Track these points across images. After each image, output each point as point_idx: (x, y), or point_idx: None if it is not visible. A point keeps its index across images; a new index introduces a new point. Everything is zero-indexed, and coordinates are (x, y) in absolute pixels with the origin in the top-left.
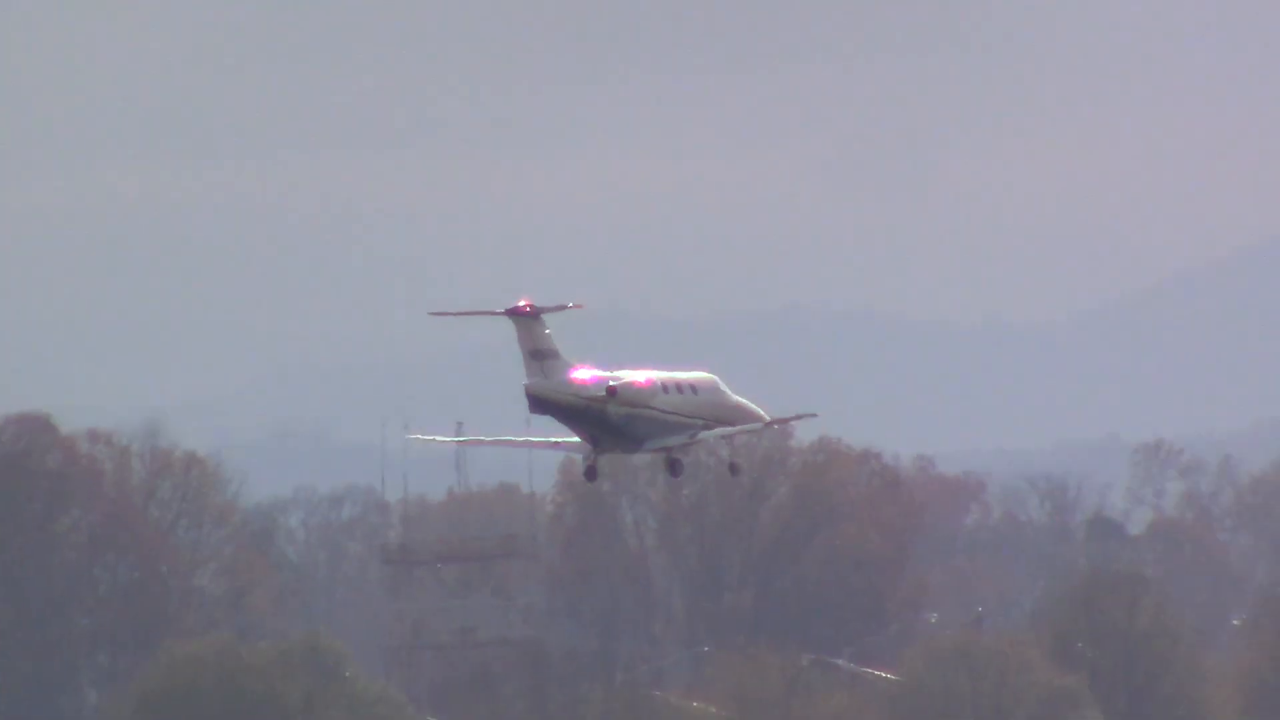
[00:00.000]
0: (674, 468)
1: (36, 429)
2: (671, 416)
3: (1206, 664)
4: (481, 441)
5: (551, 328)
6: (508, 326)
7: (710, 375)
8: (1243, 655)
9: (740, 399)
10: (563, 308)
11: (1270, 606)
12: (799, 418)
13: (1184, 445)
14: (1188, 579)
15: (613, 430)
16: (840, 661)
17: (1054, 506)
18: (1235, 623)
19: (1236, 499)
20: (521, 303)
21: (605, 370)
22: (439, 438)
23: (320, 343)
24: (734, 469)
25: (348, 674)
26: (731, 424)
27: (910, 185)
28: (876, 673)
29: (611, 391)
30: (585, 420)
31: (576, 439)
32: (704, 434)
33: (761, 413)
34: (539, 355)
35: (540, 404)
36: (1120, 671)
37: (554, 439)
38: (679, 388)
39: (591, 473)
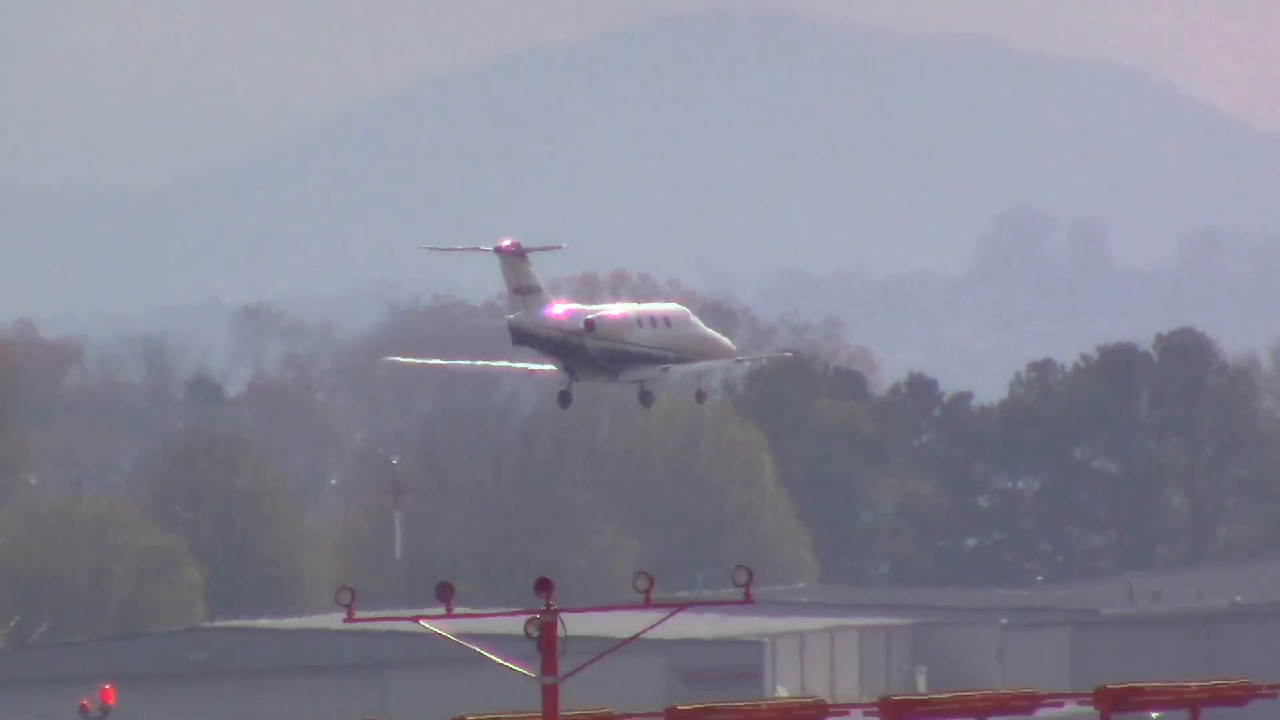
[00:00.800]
0: (645, 398)
1: None
2: (645, 349)
3: (305, 523)
4: (458, 365)
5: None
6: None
7: (682, 308)
8: (340, 514)
9: (709, 331)
10: (547, 249)
11: (367, 467)
12: (773, 356)
13: (284, 307)
14: (287, 440)
15: (589, 361)
16: None
17: (153, 369)
18: (333, 482)
19: (335, 361)
20: (507, 242)
21: (584, 305)
22: (420, 360)
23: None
24: (700, 397)
25: None
26: (702, 355)
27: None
28: None
29: (589, 325)
30: (563, 352)
31: (552, 367)
32: (676, 367)
33: (728, 343)
34: (522, 290)
35: (522, 335)
36: (219, 531)
37: (530, 366)
38: (653, 320)
39: (565, 399)
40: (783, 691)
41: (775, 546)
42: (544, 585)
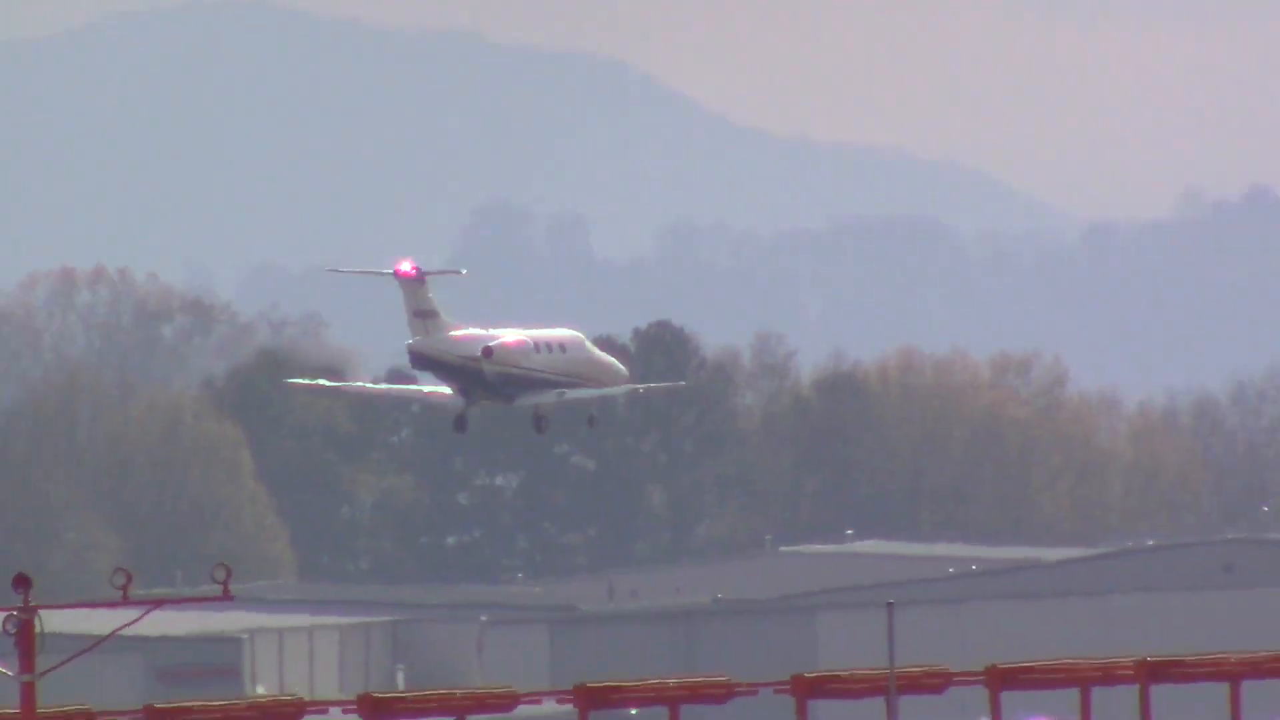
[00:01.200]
0: (539, 424)
1: None
2: (541, 374)
3: None
4: (363, 389)
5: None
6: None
7: (577, 333)
8: None
9: (602, 356)
10: (445, 273)
11: None
12: (669, 386)
13: None
14: None
15: (487, 387)
16: None
17: None
18: None
19: None
20: (406, 265)
21: (483, 330)
22: (321, 381)
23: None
24: (591, 421)
25: None
26: (595, 380)
27: None
28: None
29: (487, 352)
30: (461, 376)
31: (448, 390)
32: (570, 394)
33: (622, 369)
34: (422, 315)
35: (422, 360)
36: None
37: (425, 389)
38: (549, 346)
39: (461, 423)
40: (261, 689)
41: (255, 543)
42: (21, 582)
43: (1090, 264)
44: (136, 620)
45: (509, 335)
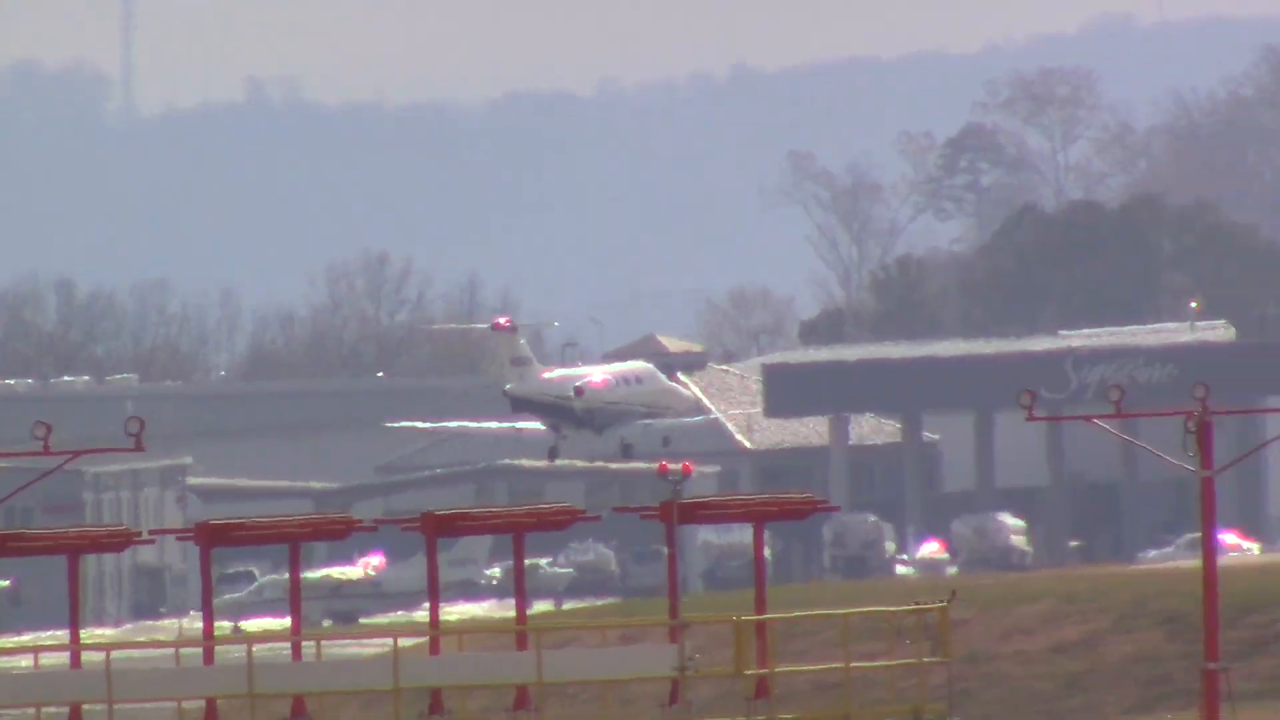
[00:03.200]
0: (626, 450)
1: None
2: (623, 407)
3: None
4: (462, 427)
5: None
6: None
7: (647, 365)
8: None
9: (670, 385)
10: (538, 325)
11: None
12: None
13: None
14: None
15: (578, 421)
16: None
17: None
18: None
19: None
20: (502, 320)
21: (567, 369)
22: (418, 424)
23: None
24: (665, 442)
25: None
26: (667, 406)
27: None
28: None
29: (579, 392)
30: (556, 414)
31: (541, 426)
32: (647, 421)
33: (686, 394)
34: (517, 362)
35: (519, 403)
36: None
37: (518, 425)
38: (626, 380)
39: (554, 453)
40: None
41: None
42: None
43: None
44: None
45: (595, 375)
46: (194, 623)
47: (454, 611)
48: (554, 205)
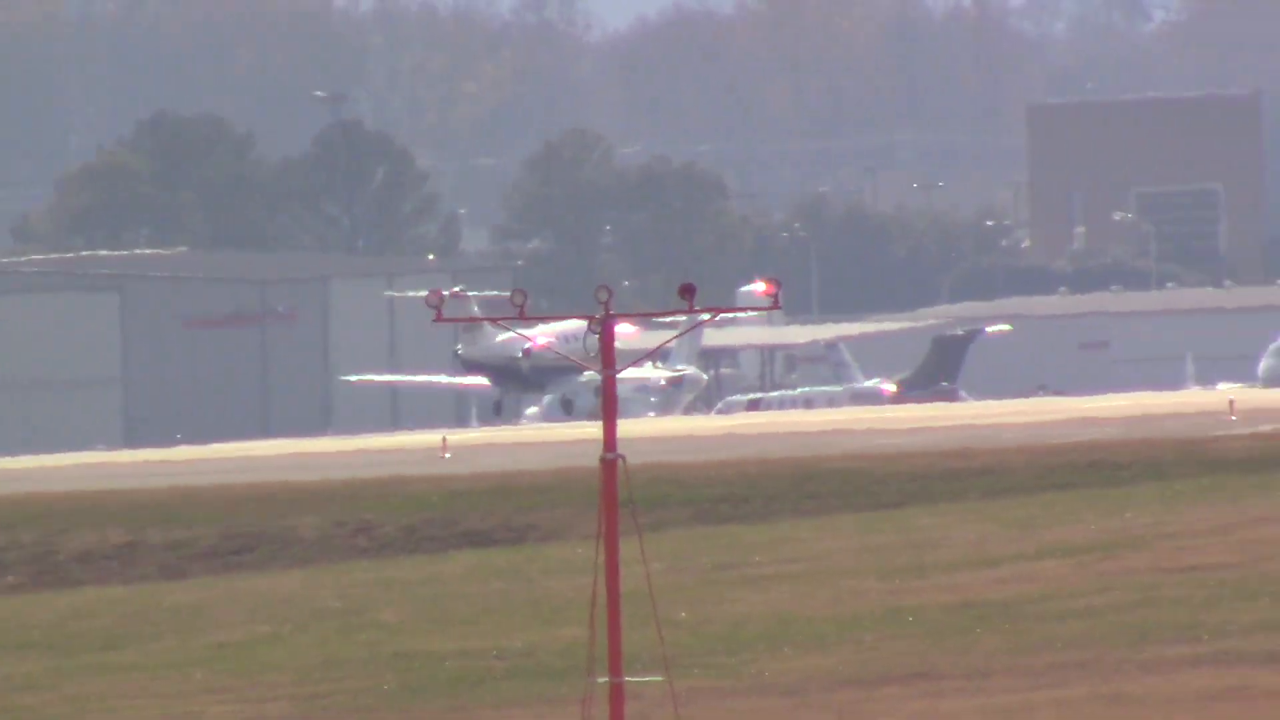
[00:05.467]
0: (567, 405)
1: None
2: (565, 363)
3: None
4: (411, 381)
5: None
6: None
7: (583, 322)
8: None
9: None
10: (488, 296)
11: None
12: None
13: None
14: None
15: (524, 380)
16: None
17: None
18: None
19: None
20: (457, 287)
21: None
22: (372, 377)
23: None
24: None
25: None
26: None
27: None
28: None
29: (526, 354)
30: (504, 374)
31: (487, 382)
32: (587, 376)
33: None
34: (468, 326)
35: (470, 366)
36: None
37: (463, 380)
38: (567, 339)
39: (499, 408)
40: None
41: None
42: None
43: None
44: None
45: (540, 338)
46: None
47: None
48: None
